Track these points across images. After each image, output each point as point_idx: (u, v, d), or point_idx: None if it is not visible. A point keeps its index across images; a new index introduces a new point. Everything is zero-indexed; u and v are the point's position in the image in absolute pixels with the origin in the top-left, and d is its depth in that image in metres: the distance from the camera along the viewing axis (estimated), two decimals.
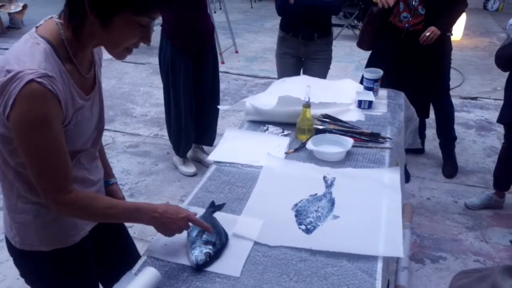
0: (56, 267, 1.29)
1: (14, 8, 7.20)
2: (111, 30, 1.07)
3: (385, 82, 2.49)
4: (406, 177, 3.07)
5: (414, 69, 2.97)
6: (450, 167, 3.39)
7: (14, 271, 1.36)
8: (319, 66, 3.09)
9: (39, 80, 0.99)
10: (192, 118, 3.24)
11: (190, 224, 1.28)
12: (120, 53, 1.14)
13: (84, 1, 1.02)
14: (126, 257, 1.50)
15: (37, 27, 1.10)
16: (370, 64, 2.99)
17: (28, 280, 1.35)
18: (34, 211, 1.21)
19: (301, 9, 2.89)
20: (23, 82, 0.98)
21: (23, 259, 1.29)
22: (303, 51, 3.08)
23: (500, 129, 3.13)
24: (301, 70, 3.19)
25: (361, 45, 3.16)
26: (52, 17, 1.13)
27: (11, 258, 1.32)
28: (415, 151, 3.39)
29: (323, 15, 3.01)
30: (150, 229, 1.23)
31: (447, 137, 3.42)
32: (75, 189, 1.15)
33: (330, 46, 3.13)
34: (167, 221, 1.22)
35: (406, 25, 2.85)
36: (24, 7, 7.23)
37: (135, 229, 2.69)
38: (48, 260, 1.27)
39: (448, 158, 3.43)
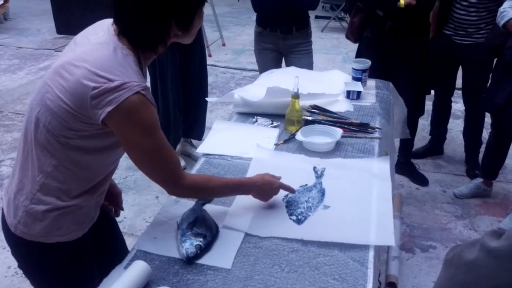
0: (56, 260, 1.28)
1: None
2: (191, 28, 1.21)
3: (373, 73, 2.48)
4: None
5: (400, 63, 2.96)
6: (473, 170, 3.28)
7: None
8: (301, 60, 3.01)
9: (143, 92, 1.08)
10: (180, 111, 3.20)
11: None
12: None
13: (170, 27, 1.14)
14: (119, 254, 1.48)
15: (116, 36, 1.14)
16: (358, 55, 2.99)
17: (26, 271, 1.33)
18: (50, 204, 1.20)
19: (278, 5, 2.81)
20: (130, 93, 1.06)
21: (23, 248, 1.27)
22: (282, 45, 3.01)
23: (488, 119, 3.14)
24: (283, 65, 3.13)
25: (348, 36, 3.15)
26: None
27: None
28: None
29: (301, 11, 2.94)
30: (140, 223, 1.22)
31: (472, 142, 3.35)
32: (187, 173, 1.28)
33: (309, 37, 3.05)
34: (267, 188, 1.41)
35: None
36: (6, 0, 7.10)
37: (124, 224, 2.66)
38: (48, 252, 1.25)
39: (472, 161, 3.35)
